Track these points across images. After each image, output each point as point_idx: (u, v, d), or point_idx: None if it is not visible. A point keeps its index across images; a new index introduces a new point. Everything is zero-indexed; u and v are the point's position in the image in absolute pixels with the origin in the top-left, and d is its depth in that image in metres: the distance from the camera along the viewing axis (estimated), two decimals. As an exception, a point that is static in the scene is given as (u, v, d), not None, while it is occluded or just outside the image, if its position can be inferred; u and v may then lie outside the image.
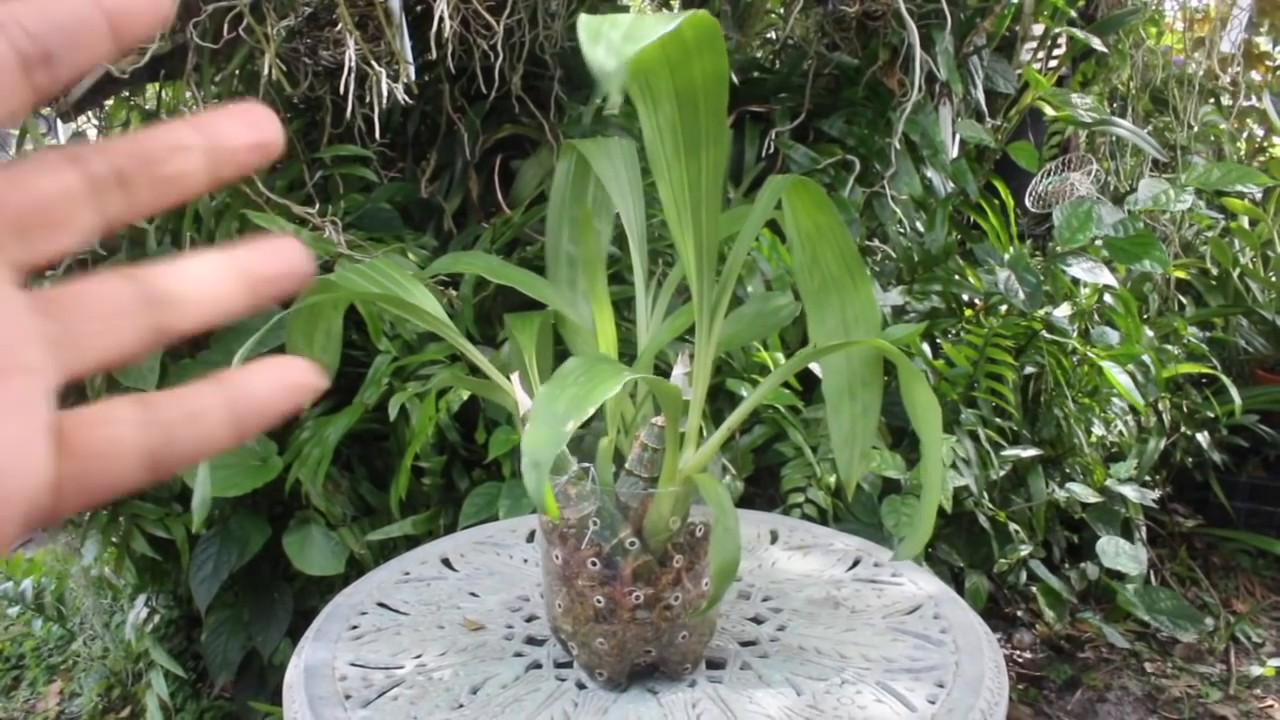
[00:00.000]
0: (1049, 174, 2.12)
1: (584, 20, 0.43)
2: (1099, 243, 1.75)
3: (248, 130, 0.28)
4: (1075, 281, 1.89)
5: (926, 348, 1.81)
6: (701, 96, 0.55)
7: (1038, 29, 2.27)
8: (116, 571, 1.87)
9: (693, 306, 0.74)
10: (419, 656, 0.86)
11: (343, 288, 0.77)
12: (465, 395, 1.56)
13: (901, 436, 1.76)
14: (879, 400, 0.79)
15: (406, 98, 1.55)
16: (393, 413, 1.48)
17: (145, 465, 0.26)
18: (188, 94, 1.67)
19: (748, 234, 0.72)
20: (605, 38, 0.42)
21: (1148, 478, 2.14)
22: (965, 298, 1.91)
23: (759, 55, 2.38)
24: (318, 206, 1.69)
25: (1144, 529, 2.05)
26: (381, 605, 0.96)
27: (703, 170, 0.61)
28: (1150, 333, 2.04)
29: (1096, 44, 2.09)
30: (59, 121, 1.84)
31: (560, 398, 0.57)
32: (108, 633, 2.04)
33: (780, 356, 1.64)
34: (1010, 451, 1.80)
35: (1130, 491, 1.91)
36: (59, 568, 2.29)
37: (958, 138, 2.21)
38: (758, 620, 0.93)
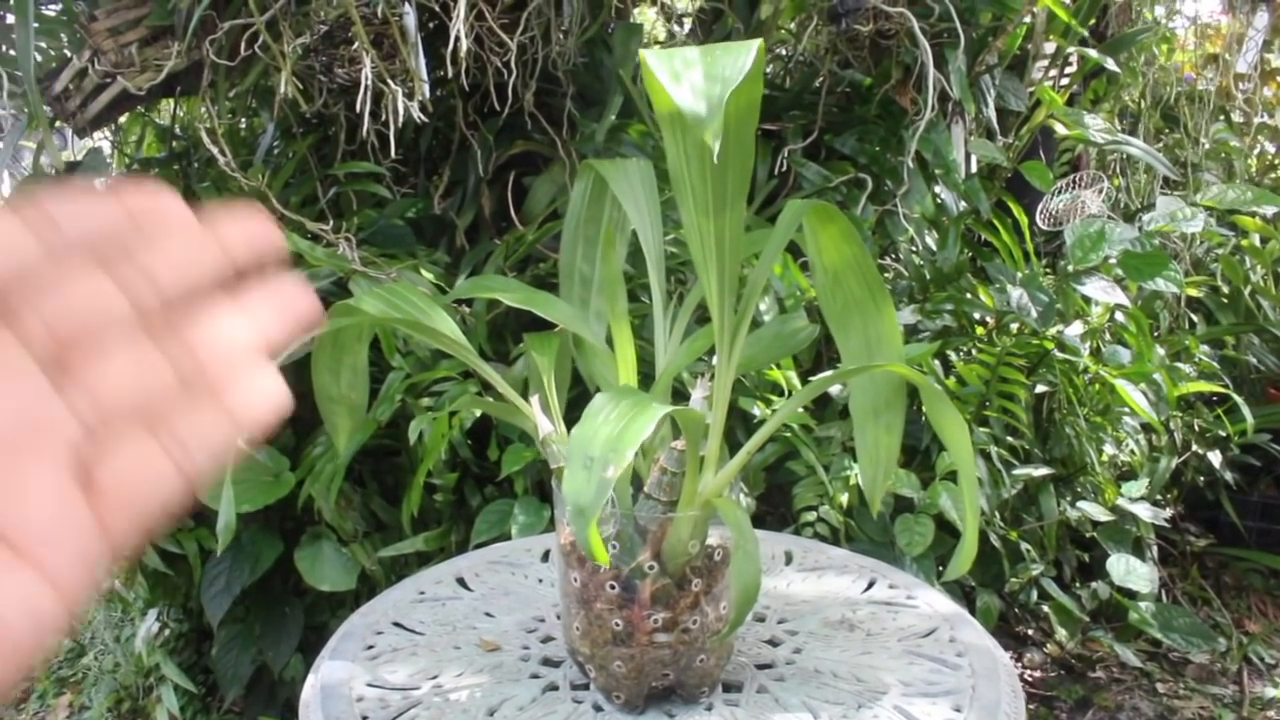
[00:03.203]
0: (1060, 192, 2.12)
1: (652, 57, 0.42)
2: (1113, 260, 1.75)
3: (255, 237, 0.30)
4: (1087, 300, 1.89)
5: (939, 366, 1.81)
6: (733, 126, 0.55)
7: (1049, 47, 2.28)
8: (127, 585, 1.87)
9: (710, 329, 0.74)
10: (435, 677, 0.86)
11: (363, 311, 0.77)
12: (478, 412, 1.56)
13: (914, 454, 1.76)
14: (902, 420, 0.79)
15: (420, 115, 1.56)
16: (412, 437, 1.49)
17: (180, 478, 0.28)
18: (202, 110, 1.68)
19: (768, 259, 0.72)
20: (686, 79, 0.42)
21: (1159, 496, 2.14)
22: (977, 316, 1.91)
23: (770, 71, 2.38)
24: (331, 222, 1.69)
25: (1155, 548, 2.04)
26: (397, 625, 0.96)
27: (727, 197, 0.61)
28: (1161, 351, 2.04)
29: (1108, 64, 2.09)
30: (76, 137, 1.85)
31: (595, 440, 0.56)
32: (118, 646, 2.04)
33: (792, 375, 1.64)
34: (1022, 470, 1.80)
35: (1142, 510, 1.90)
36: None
37: (971, 156, 2.21)
38: (774, 643, 0.93)
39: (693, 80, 0.42)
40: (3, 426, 0.25)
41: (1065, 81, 2.40)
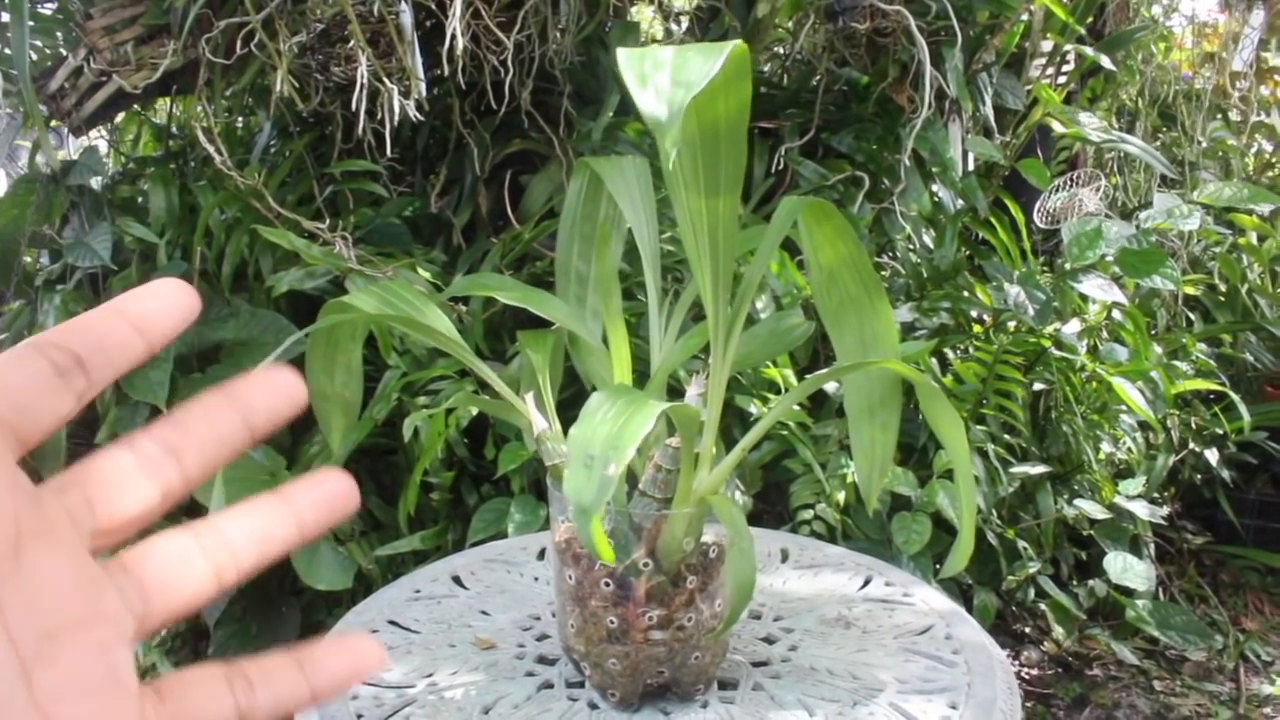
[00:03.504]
0: (1057, 190, 2.12)
1: (624, 58, 0.42)
2: (1110, 258, 1.75)
3: (278, 393, 0.31)
4: (1084, 298, 1.89)
5: (936, 364, 1.81)
6: (724, 127, 0.55)
7: (1047, 45, 2.27)
8: (124, 585, 1.87)
9: (705, 326, 0.74)
10: (430, 675, 0.86)
11: (358, 308, 0.77)
12: (475, 411, 1.56)
13: (910, 453, 1.76)
14: (898, 417, 0.79)
15: (417, 113, 1.56)
16: (407, 434, 1.48)
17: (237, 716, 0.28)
18: (198, 108, 1.68)
19: (763, 256, 0.72)
20: (652, 82, 0.41)
21: (1156, 494, 2.14)
22: (974, 314, 1.91)
23: (767, 70, 2.38)
24: (328, 221, 1.69)
25: (1152, 546, 2.04)
26: (393, 623, 0.96)
27: (720, 196, 0.61)
28: (1159, 349, 2.04)
29: (1105, 62, 2.09)
30: (71, 136, 1.85)
31: (594, 439, 0.56)
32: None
33: (789, 373, 1.64)
34: (1019, 468, 1.80)
35: (1139, 508, 1.90)
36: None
37: (968, 154, 2.21)
38: (769, 640, 0.93)
39: (659, 83, 0.41)
40: (65, 606, 0.25)
41: (1063, 79, 2.40)
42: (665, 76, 0.42)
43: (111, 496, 0.27)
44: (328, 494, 0.31)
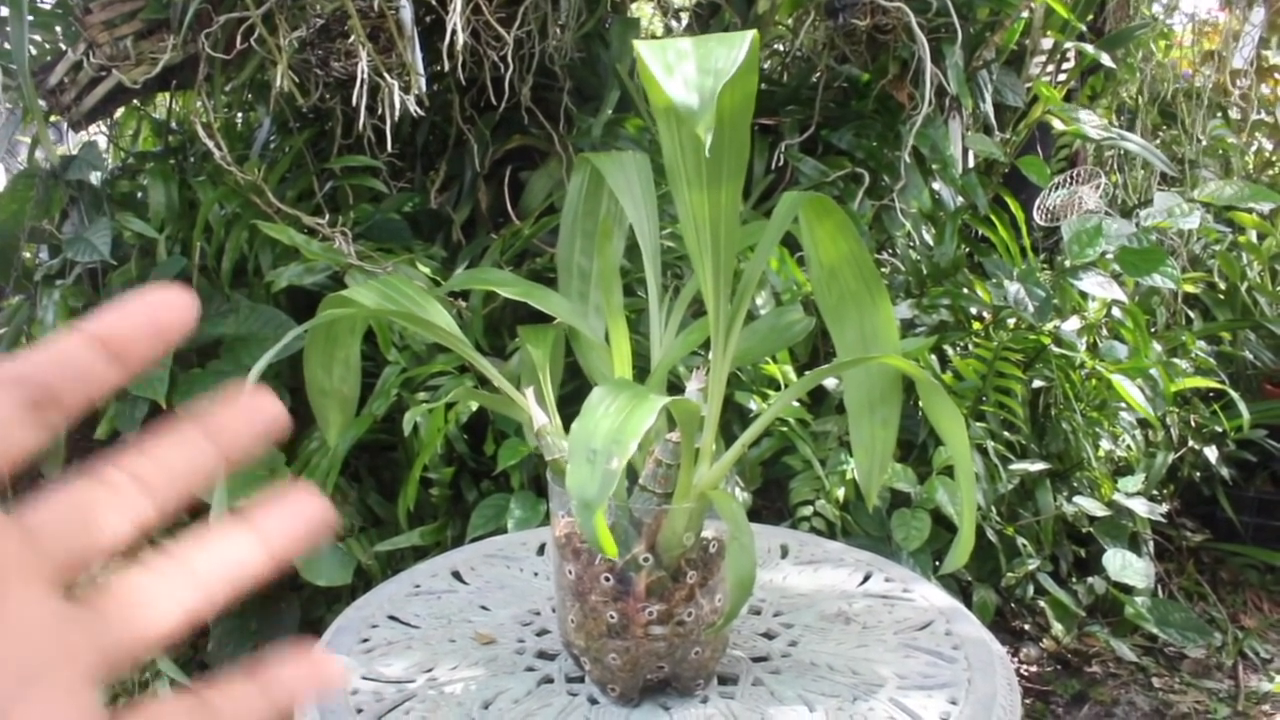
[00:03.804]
0: (1057, 187, 2.11)
1: (645, 50, 0.42)
2: (1110, 255, 1.75)
3: (255, 415, 0.30)
4: (1084, 295, 1.89)
5: (935, 361, 1.81)
6: (728, 119, 0.55)
7: (1047, 43, 2.27)
8: (123, 580, 1.87)
9: (706, 322, 0.74)
10: (430, 670, 0.86)
11: (357, 303, 0.77)
12: (474, 406, 1.56)
13: (910, 449, 1.76)
14: (898, 414, 0.79)
15: (417, 109, 1.56)
16: (406, 430, 1.48)
17: None
18: (198, 104, 1.68)
19: (763, 252, 0.72)
20: (679, 71, 0.42)
21: (1155, 492, 2.13)
22: (974, 311, 1.91)
23: (767, 67, 2.38)
24: (327, 217, 1.69)
25: (1151, 543, 2.04)
26: (392, 618, 0.96)
27: (723, 190, 0.61)
28: (1158, 347, 2.04)
29: (1105, 59, 2.09)
30: (71, 131, 1.85)
31: (596, 434, 0.56)
32: (114, 641, 2.03)
33: (789, 369, 1.64)
34: (1018, 465, 1.80)
35: (1138, 505, 1.90)
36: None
37: (968, 151, 2.21)
38: (769, 636, 0.93)
39: (685, 72, 0.42)
40: (41, 647, 0.25)
41: (1063, 77, 2.40)
42: (691, 65, 0.42)
43: (79, 532, 0.27)
44: (297, 517, 0.30)
